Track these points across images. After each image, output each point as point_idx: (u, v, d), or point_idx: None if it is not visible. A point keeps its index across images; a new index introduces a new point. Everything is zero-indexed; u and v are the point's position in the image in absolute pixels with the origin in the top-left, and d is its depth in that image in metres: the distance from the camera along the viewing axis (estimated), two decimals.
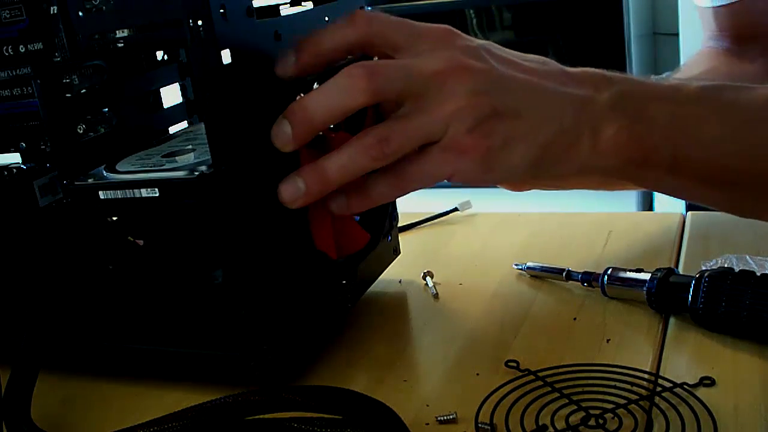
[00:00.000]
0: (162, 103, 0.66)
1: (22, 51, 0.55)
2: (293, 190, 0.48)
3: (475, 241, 0.78)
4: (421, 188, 0.49)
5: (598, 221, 0.77)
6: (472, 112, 0.47)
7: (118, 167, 0.55)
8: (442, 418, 0.47)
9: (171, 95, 0.67)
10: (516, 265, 0.68)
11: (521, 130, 0.48)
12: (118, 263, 0.56)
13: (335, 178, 0.48)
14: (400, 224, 0.69)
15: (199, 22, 0.45)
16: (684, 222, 0.74)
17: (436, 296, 0.65)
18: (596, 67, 0.53)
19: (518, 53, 0.52)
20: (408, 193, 0.50)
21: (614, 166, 0.51)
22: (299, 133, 0.47)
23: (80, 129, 0.56)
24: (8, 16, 0.54)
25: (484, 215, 0.84)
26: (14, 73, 0.56)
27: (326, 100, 0.47)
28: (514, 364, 0.51)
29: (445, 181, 0.50)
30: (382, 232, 0.64)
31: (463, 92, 0.47)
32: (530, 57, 0.52)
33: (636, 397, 0.47)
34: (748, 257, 0.62)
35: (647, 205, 2.16)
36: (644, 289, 0.57)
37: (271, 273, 0.51)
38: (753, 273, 0.53)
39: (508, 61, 0.50)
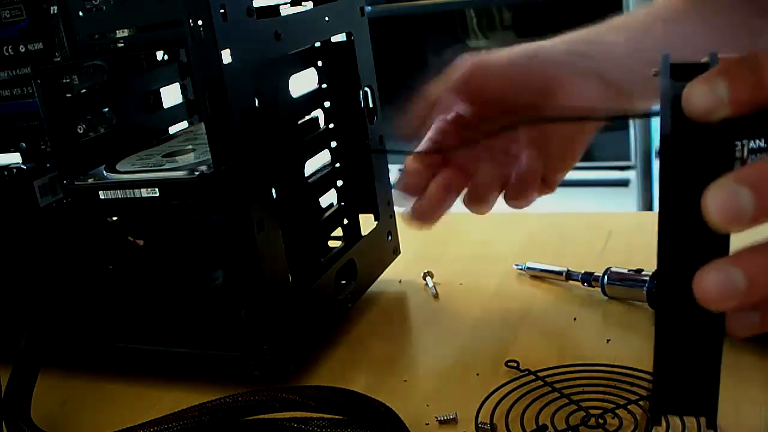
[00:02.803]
0: (162, 103, 0.66)
1: (23, 51, 0.55)
2: (725, 286, 0.30)
3: (475, 241, 0.78)
4: None
5: (598, 221, 0.77)
6: None
7: (119, 167, 0.55)
8: (442, 418, 0.47)
9: (171, 95, 0.67)
10: (516, 265, 0.68)
11: None
12: (118, 263, 0.56)
13: None
14: None
15: (200, 22, 0.45)
16: None
17: (436, 296, 0.65)
18: None
19: None
20: None
21: None
22: (742, 98, 0.30)
23: (80, 129, 0.57)
24: (8, 16, 0.54)
25: (484, 215, 0.84)
26: (14, 73, 0.56)
27: None
28: (514, 364, 0.51)
29: None
30: None
31: None
32: None
33: (636, 397, 0.47)
34: None
35: (647, 205, 2.16)
36: (644, 289, 0.57)
37: (271, 273, 0.50)
38: None
39: None
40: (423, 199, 0.56)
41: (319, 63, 0.60)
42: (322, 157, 0.61)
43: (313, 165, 0.59)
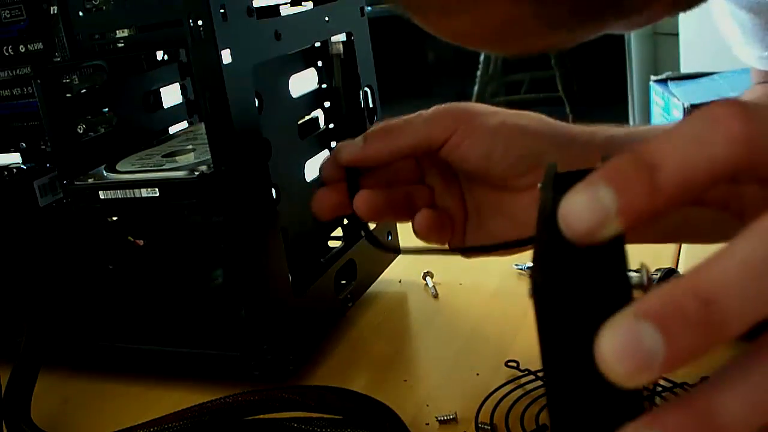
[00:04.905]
0: (162, 103, 0.66)
1: (23, 51, 0.55)
2: None
3: None
4: None
5: None
6: None
7: (119, 167, 0.55)
8: (442, 418, 0.47)
9: (171, 95, 0.67)
10: (516, 265, 0.68)
11: None
12: (118, 263, 0.56)
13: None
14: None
15: (200, 22, 0.45)
16: None
17: (436, 296, 0.65)
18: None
19: None
20: None
21: None
22: (635, 207, 0.24)
23: (80, 129, 0.57)
24: (8, 15, 0.54)
25: None
26: (14, 73, 0.56)
27: (674, 153, 0.24)
28: (514, 364, 0.51)
29: None
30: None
31: None
32: None
33: None
34: None
35: None
36: (644, 290, 0.57)
37: (271, 272, 0.50)
38: None
39: None
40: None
41: (319, 63, 0.60)
42: (322, 157, 0.61)
43: (312, 165, 0.59)
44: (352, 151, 0.49)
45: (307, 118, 0.59)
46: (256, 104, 0.50)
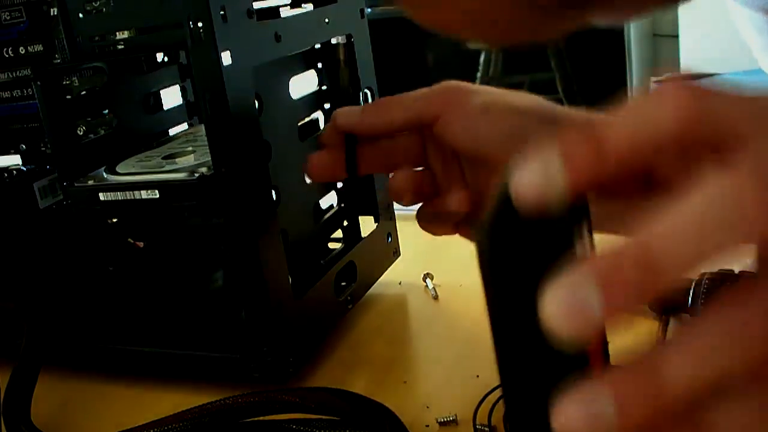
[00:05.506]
0: (162, 105, 0.66)
1: (23, 53, 0.55)
2: (591, 421, 0.24)
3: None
4: None
5: None
6: None
7: (119, 169, 0.55)
8: (442, 420, 0.47)
9: (171, 97, 0.67)
10: None
11: None
12: (119, 265, 0.56)
13: (678, 393, 0.24)
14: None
15: (200, 24, 0.45)
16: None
17: (436, 298, 0.65)
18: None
19: None
20: None
21: None
22: (581, 172, 0.25)
23: (80, 131, 0.57)
24: (8, 17, 0.54)
25: None
26: (14, 75, 0.56)
27: (622, 122, 0.25)
28: None
29: None
30: None
31: None
32: None
33: None
34: (747, 259, 0.62)
35: None
36: None
37: (271, 274, 0.50)
38: (753, 275, 0.53)
39: None
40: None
41: (319, 65, 0.60)
42: None
43: None
44: (349, 116, 0.50)
45: (307, 119, 0.59)
46: (256, 106, 0.50)
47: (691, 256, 0.23)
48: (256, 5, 0.49)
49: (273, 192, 0.52)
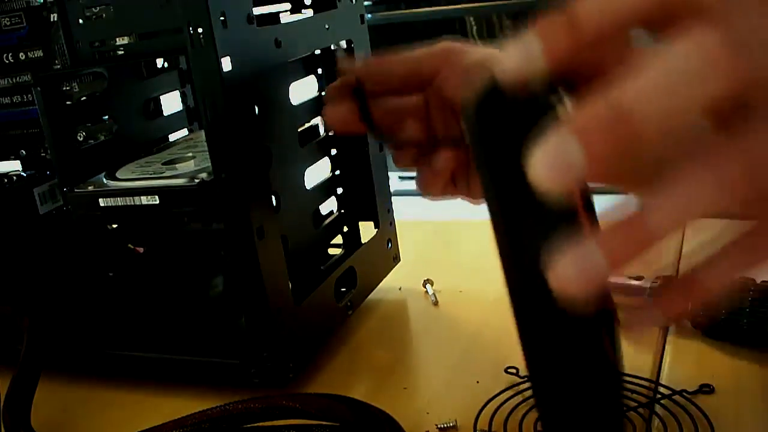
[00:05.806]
0: (162, 111, 0.66)
1: (22, 58, 0.55)
2: (587, 273, 0.27)
3: (475, 248, 0.77)
4: None
5: None
6: None
7: (119, 174, 0.55)
8: (442, 426, 0.47)
9: (171, 102, 0.67)
10: None
11: None
12: (119, 270, 0.56)
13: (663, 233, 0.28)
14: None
15: (200, 30, 0.45)
16: (684, 229, 0.74)
17: (436, 303, 0.65)
18: None
19: None
20: None
21: None
22: (556, 46, 0.27)
23: (80, 136, 0.57)
24: (8, 23, 0.54)
25: (484, 222, 0.84)
26: (14, 81, 0.56)
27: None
28: (514, 371, 0.51)
29: None
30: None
31: None
32: None
33: (635, 404, 0.47)
34: None
35: None
36: (645, 296, 0.57)
37: (271, 280, 0.50)
38: (753, 280, 0.53)
39: None
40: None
41: (319, 70, 0.60)
42: (323, 165, 0.61)
43: (312, 172, 0.59)
44: (351, 62, 0.53)
45: (307, 125, 0.59)
46: (256, 111, 0.50)
47: (664, 108, 0.25)
48: (256, 11, 0.49)
49: (273, 198, 0.52)
